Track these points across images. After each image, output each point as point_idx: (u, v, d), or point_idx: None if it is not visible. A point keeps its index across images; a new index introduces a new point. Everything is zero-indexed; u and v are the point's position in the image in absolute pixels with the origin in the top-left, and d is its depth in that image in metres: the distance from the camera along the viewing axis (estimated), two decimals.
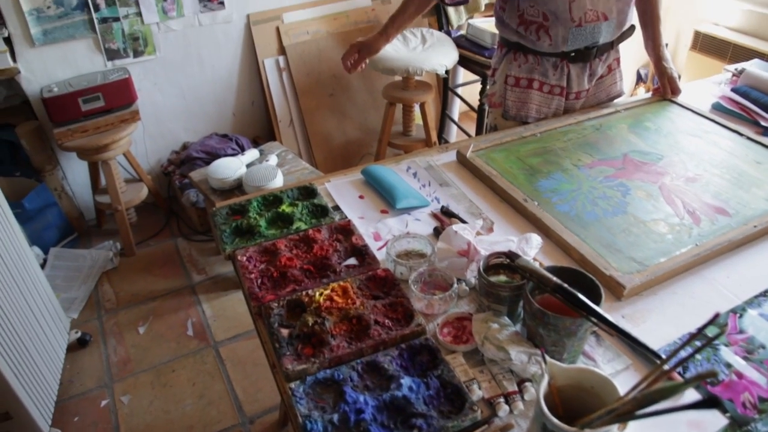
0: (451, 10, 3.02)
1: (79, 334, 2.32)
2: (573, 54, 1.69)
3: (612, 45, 1.74)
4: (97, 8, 2.58)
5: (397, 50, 2.80)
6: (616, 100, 1.88)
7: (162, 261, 2.83)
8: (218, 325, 2.44)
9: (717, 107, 1.86)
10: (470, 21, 3.03)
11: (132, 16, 2.68)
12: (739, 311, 1.13)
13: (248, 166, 2.48)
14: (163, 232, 3.03)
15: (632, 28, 1.76)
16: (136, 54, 2.77)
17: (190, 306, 2.55)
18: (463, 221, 1.28)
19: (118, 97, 2.59)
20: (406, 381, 0.93)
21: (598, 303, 0.93)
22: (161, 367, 2.26)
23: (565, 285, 0.93)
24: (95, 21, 2.61)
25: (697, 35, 3.46)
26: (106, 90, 2.54)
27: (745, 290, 1.17)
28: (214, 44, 2.94)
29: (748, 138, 1.63)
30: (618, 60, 1.83)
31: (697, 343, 1.03)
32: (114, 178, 2.68)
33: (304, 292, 1.10)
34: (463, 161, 1.53)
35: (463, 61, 2.95)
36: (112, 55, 2.71)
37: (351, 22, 3.19)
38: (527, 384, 0.94)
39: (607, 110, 1.76)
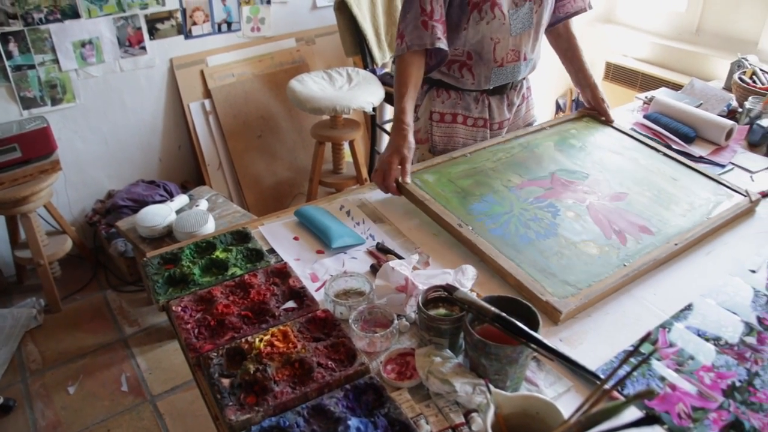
0: (375, 48, 3.08)
1: (1, 399, 2.19)
2: (491, 88, 1.76)
3: (524, 78, 1.84)
4: (9, 56, 2.50)
5: (324, 90, 2.83)
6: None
7: (90, 315, 2.71)
8: (154, 378, 2.35)
9: None
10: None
11: (48, 63, 2.61)
12: (667, 326, 1.18)
13: (178, 212, 2.43)
14: (90, 284, 2.91)
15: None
16: (54, 102, 2.69)
17: (123, 360, 2.45)
18: (400, 257, 1.29)
19: (35, 147, 2.49)
20: (353, 422, 0.92)
21: (536, 329, 0.95)
22: (95, 427, 2.15)
23: (504, 314, 0.95)
24: (8, 69, 2.52)
25: (609, 66, 3.66)
26: (22, 140, 2.45)
27: (671, 305, 1.23)
28: (136, 90, 2.89)
29: (665, 154, 1.72)
30: (529, 89, 1.92)
31: (633, 361, 1.07)
32: (35, 232, 2.57)
33: (243, 339, 1.07)
34: (401, 189, 1.52)
35: (390, 98, 3.00)
36: (28, 103, 2.62)
37: (276, 64, 3.20)
38: (474, 415, 0.95)
39: (533, 128, 1.83)
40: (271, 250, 1.37)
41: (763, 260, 1.38)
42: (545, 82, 1.87)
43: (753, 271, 1.35)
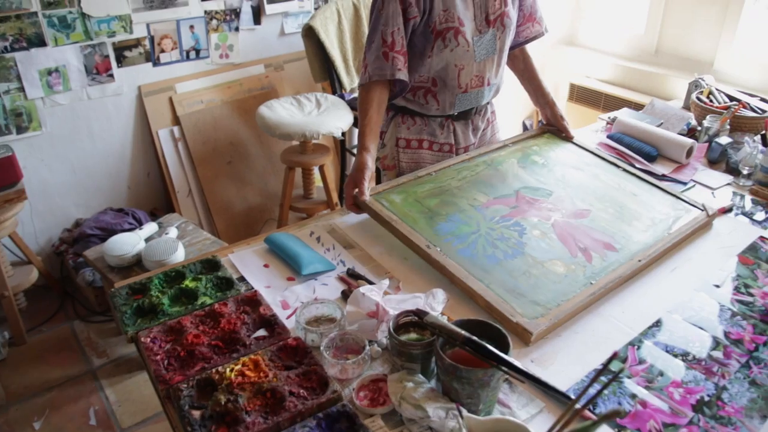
0: (343, 73, 3.10)
1: None
2: (456, 114, 1.79)
3: (489, 102, 1.87)
4: None
5: (293, 116, 2.84)
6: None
7: (57, 347, 2.65)
8: (124, 410, 2.30)
9: None
10: None
11: (14, 92, 2.58)
12: (636, 343, 1.20)
13: (147, 240, 2.40)
14: (57, 315, 2.85)
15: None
16: (20, 130, 2.65)
17: (91, 393, 2.39)
18: (371, 282, 1.30)
19: (0, 177, 2.45)
20: None
21: (506, 351, 0.96)
22: None
23: (474, 337, 0.95)
24: None
25: (573, 87, 3.73)
26: None
27: (639, 322, 1.25)
28: (104, 117, 2.87)
29: (624, 170, 1.76)
30: (494, 113, 1.95)
31: (603, 379, 1.08)
32: None
33: (213, 370, 1.06)
34: (363, 207, 1.54)
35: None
36: None
37: (245, 90, 3.21)
38: None
39: (496, 145, 1.85)
40: (242, 278, 1.37)
41: (726, 275, 1.41)
42: (512, 104, 1.90)
43: (717, 286, 1.38)
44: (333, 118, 2.81)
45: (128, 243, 2.32)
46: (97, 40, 2.71)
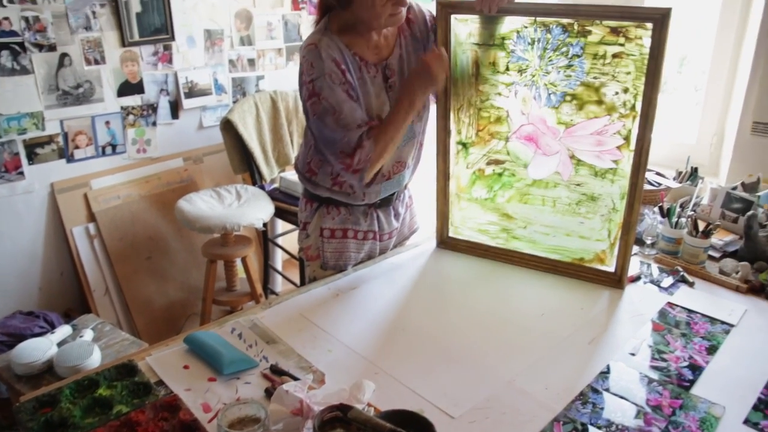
0: (262, 165, 3.13)
1: None
2: (379, 202, 1.83)
3: (406, 187, 1.93)
4: None
5: (213, 208, 2.82)
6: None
7: None
8: None
9: None
10: (282, 174, 3.17)
11: None
12: (561, 419, 1.22)
13: (59, 345, 2.27)
14: None
15: None
16: None
17: None
18: (295, 377, 1.27)
19: None
20: None
21: None
22: None
23: (399, 429, 0.95)
24: None
25: None
26: None
27: (562, 398, 1.28)
28: (13, 216, 2.76)
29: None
30: (411, 197, 2.01)
31: None
32: None
33: None
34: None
35: (280, 213, 3.03)
36: None
37: (164, 184, 3.18)
38: None
39: None
40: (160, 382, 1.31)
41: (639, 342, 1.47)
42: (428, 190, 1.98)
43: (633, 354, 1.43)
44: (254, 210, 2.81)
45: (38, 349, 2.19)
46: (7, 137, 2.64)
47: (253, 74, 3.38)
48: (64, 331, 2.39)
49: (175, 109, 3.16)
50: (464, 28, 1.72)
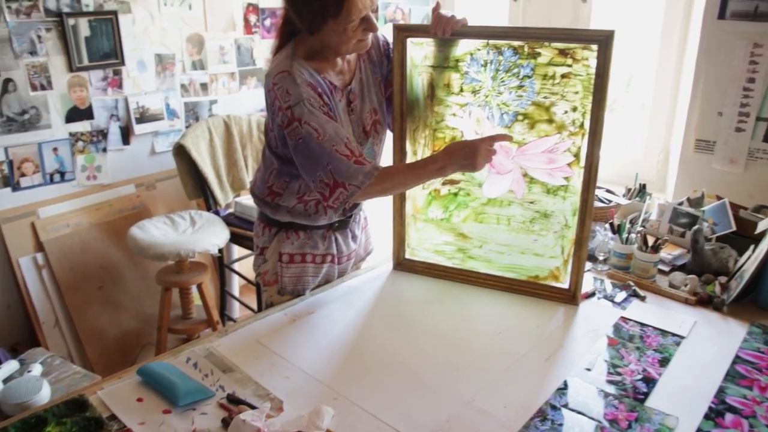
0: (217, 190, 3.10)
1: None
2: (337, 224, 1.82)
3: (361, 208, 1.93)
4: None
5: (167, 235, 2.77)
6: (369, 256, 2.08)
7: None
8: None
9: None
10: (237, 199, 3.14)
11: None
12: None
13: (6, 381, 2.18)
14: None
15: None
16: None
17: None
18: (252, 406, 1.25)
19: None
20: None
21: None
22: None
23: None
24: None
25: None
26: None
27: (521, 416, 1.28)
28: None
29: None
30: (366, 219, 2.02)
31: None
32: None
33: None
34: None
35: (235, 238, 3.00)
36: None
37: (115, 211, 3.11)
38: None
39: None
40: (113, 417, 1.27)
41: (595, 357, 1.49)
42: (382, 211, 1.98)
43: (588, 370, 1.45)
44: (209, 235, 2.77)
45: None
46: None
47: (206, 99, 3.35)
48: (10, 366, 2.30)
49: (126, 134, 3.10)
50: (420, 51, 1.74)
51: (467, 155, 1.56)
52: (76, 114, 2.90)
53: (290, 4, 1.56)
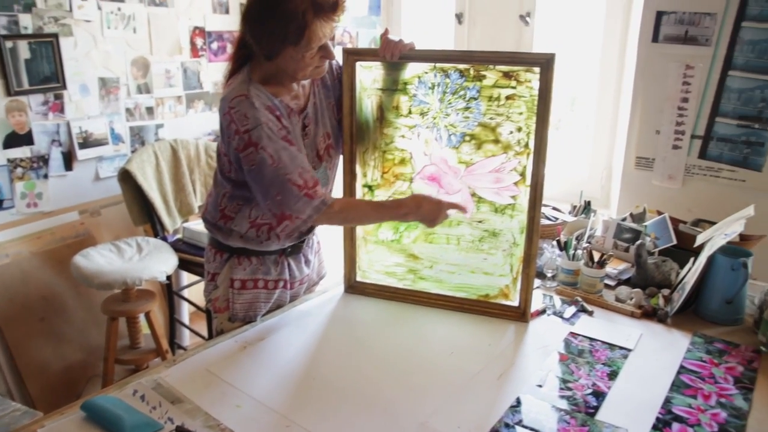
0: (164, 215, 3.04)
1: None
2: (290, 249, 1.81)
3: (314, 233, 1.92)
4: None
5: (112, 263, 2.70)
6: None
7: None
8: None
9: None
10: (185, 225, 3.08)
11: None
12: None
13: None
14: None
15: None
16: None
17: None
18: None
19: None
20: None
21: None
22: None
23: None
24: None
25: None
26: None
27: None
28: None
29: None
30: (319, 243, 2.01)
31: None
32: None
33: None
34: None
35: (184, 264, 2.94)
36: None
37: (58, 239, 3.01)
38: None
39: None
40: None
41: (546, 373, 1.51)
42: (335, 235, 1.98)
43: (540, 386, 1.46)
44: (156, 262, 2.71)
45: None
46: None
47: (152, 123, 3.30)
48: None
49: (69, 160, 3.02)
50: (369, 75, 1.76)
51: (432, 211, 1.61)
52: (15, 139, 2.81)
53: (250, 29, 1.55)
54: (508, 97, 1.66)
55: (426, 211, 1.61)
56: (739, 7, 2.24)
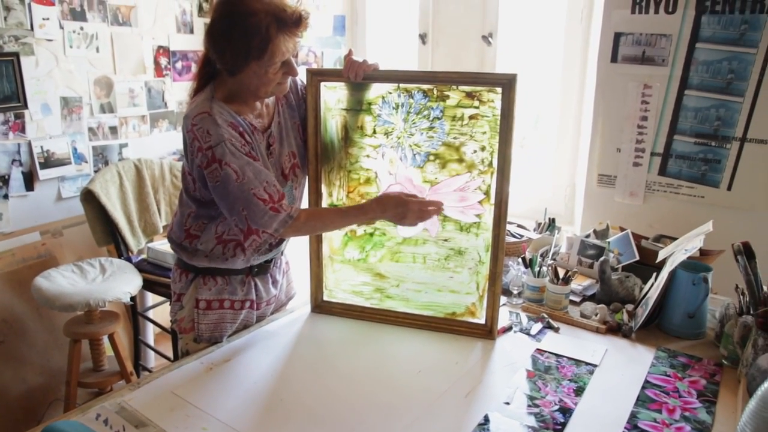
0: (128, 235, 2.99)
1: None
2: (256, 269, 1.80)
3: (282, 253, 1.91)
4: None
5: (75, 284, 2.65)
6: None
7: None
8: None
9: None
10: (150, 245, 3.04)
11: None
12: None
13: None
14: None
15: None
16: None
17: None
18: None
19: None
20: None
21: None
22: None
23: None
24: None
25: None
26: None
27: None
28: None
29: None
30: (288, 263, 2.00)
31: None
32: None
33: None
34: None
35: (149, 285, 2.89)
36: None
37: (18, 260, 2.94)
38: None
39: None
40: None
41: (513, 390, 1.52)
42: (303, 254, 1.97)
43: (507, 403, 1.47)
44: (120, 283, 2.66)
45: None
46: None
47: (115, 142, 3.25)
48: None
49: (30, 180, 2.96)
50: (333, 95, 1.77)
51: (399, 213, 1.64)
52: None
53: (213, 44, 1.55)
54: (471, 117, 1.68)
55: (392, 213, 1.64)
56: (693, 29, 2.32)
